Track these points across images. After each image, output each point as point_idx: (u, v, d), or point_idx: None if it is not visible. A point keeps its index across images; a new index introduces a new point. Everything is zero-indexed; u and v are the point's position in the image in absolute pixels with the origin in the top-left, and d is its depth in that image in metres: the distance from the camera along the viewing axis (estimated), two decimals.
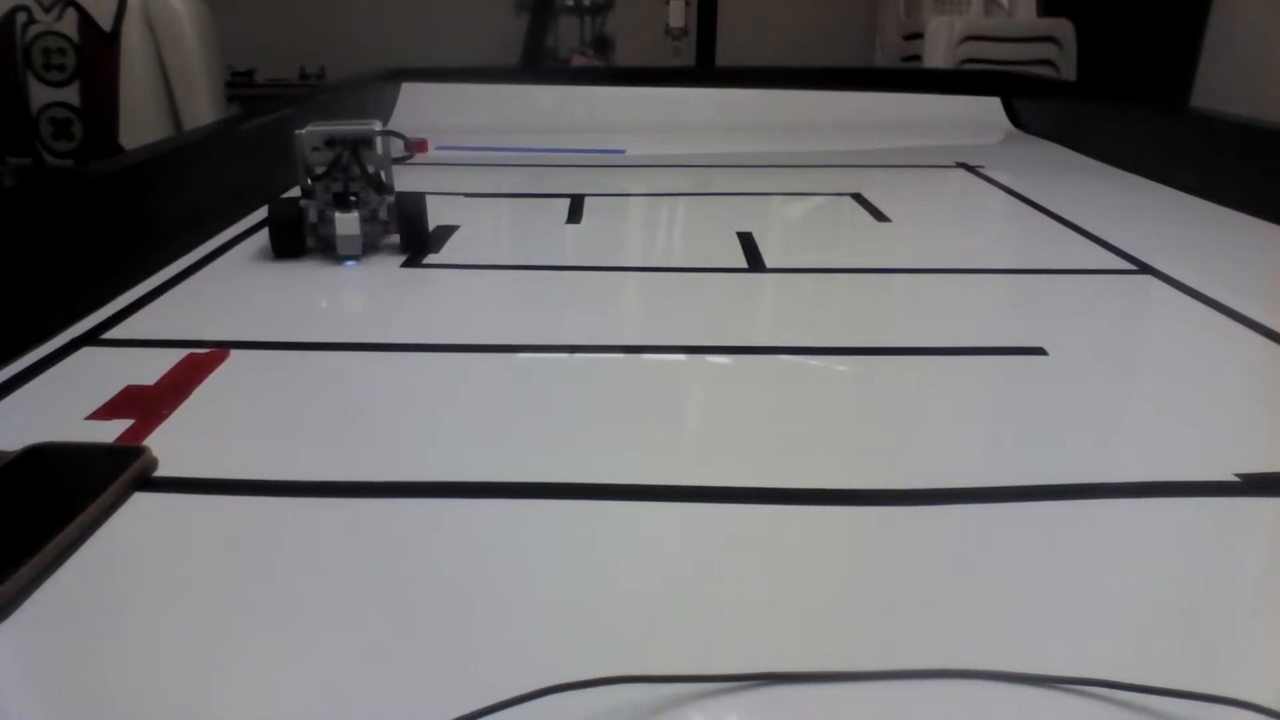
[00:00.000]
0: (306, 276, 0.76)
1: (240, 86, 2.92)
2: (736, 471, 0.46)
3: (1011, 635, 0.34)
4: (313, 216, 0.78)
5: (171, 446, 0.47)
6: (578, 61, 3.18)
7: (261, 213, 0.97)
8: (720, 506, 0.43)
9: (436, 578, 0.38)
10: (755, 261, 0.82)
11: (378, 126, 0.78)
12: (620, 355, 0.61)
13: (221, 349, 0.60)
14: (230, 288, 0.74)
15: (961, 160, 1.29)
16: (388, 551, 0.40)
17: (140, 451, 0.45)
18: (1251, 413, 0.54)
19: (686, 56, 2.50)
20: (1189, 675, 0.31)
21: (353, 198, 0.78)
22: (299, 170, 0.77)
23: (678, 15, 2.64)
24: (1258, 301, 0.70)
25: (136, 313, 0.67)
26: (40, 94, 1.84)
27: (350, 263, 0.77)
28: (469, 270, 0.79)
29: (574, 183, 1.14)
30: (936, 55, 2.61)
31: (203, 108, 1.87)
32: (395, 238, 0.82)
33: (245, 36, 2.81)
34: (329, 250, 0.78)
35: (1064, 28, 2.60)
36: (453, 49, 3.14)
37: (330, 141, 0.76)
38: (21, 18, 1.81)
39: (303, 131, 0.76)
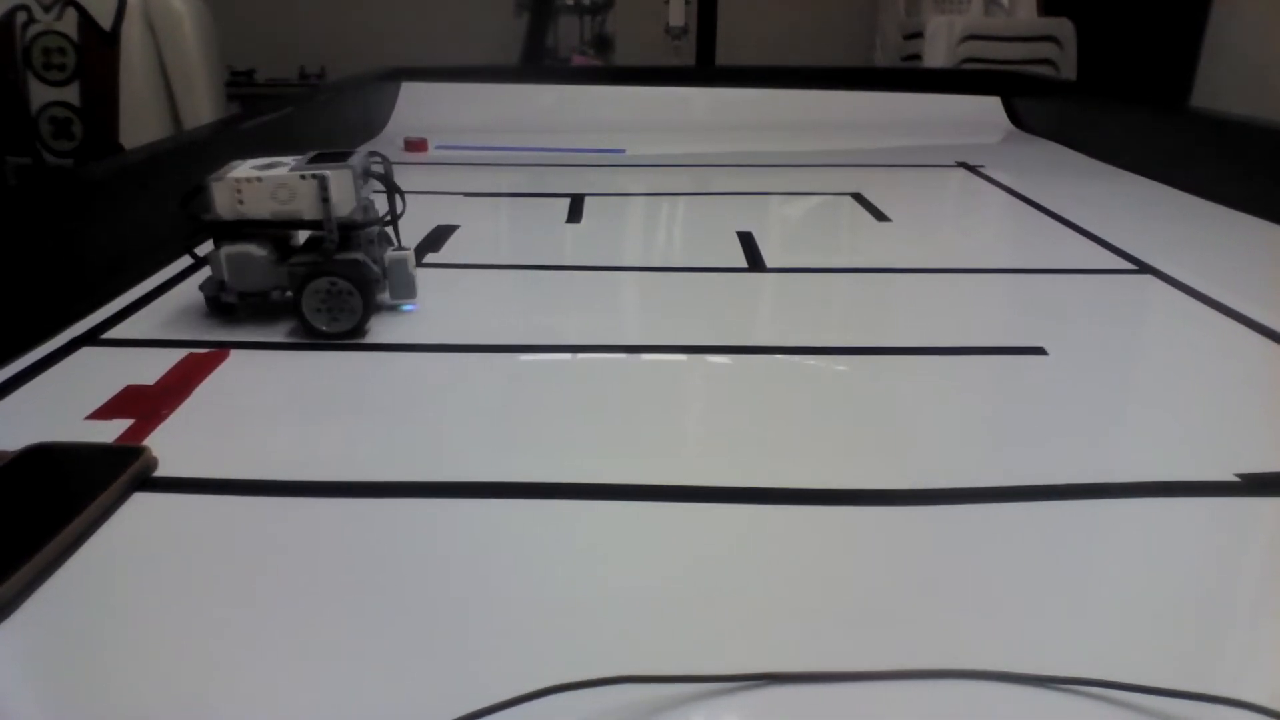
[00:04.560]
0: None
1: (240, 86, 2.92)
2: (736, 471, 0.46)
3: (1011, 635, 0.34)
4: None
5: (171, 446, 0.47)
6: (578, 61, 3.18)
7: None
8: (720, 506, 0.43)
9: (437, 578, 0.38)
10: (755, 261, 0.82)
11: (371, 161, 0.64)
12: (620, 355, 0.61)
13: (221, 349, 0.60)
14: None
15: (961, 160, 1.29)
16: (388, 552, 0.40)
17: (140, 451, 0.45)
18: (1251, 413, 0.54)
19: (686, 56, 2.50)
20: (1189, 675, 0.31)
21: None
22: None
23: (678, 15, 2.64)
24: (1258, 301, 0.70)
25: (136, 313, 0.67)
26: (40, 94, 1.84)
27: (409, 306, 0.67)
28: (469, 270, 0.79)
29: (574, 182, 1.14)
30: (936, 55, 2.61)
31: (203, 107, 1.87)
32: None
33: (245, 36, 2.81)
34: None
35: (1064, 27, 2.60)
36: (453, 49, 3.14)
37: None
38: (21, 17, 1.81)
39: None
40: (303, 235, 0.66)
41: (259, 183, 0.61)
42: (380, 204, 0.67)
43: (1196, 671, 0.32)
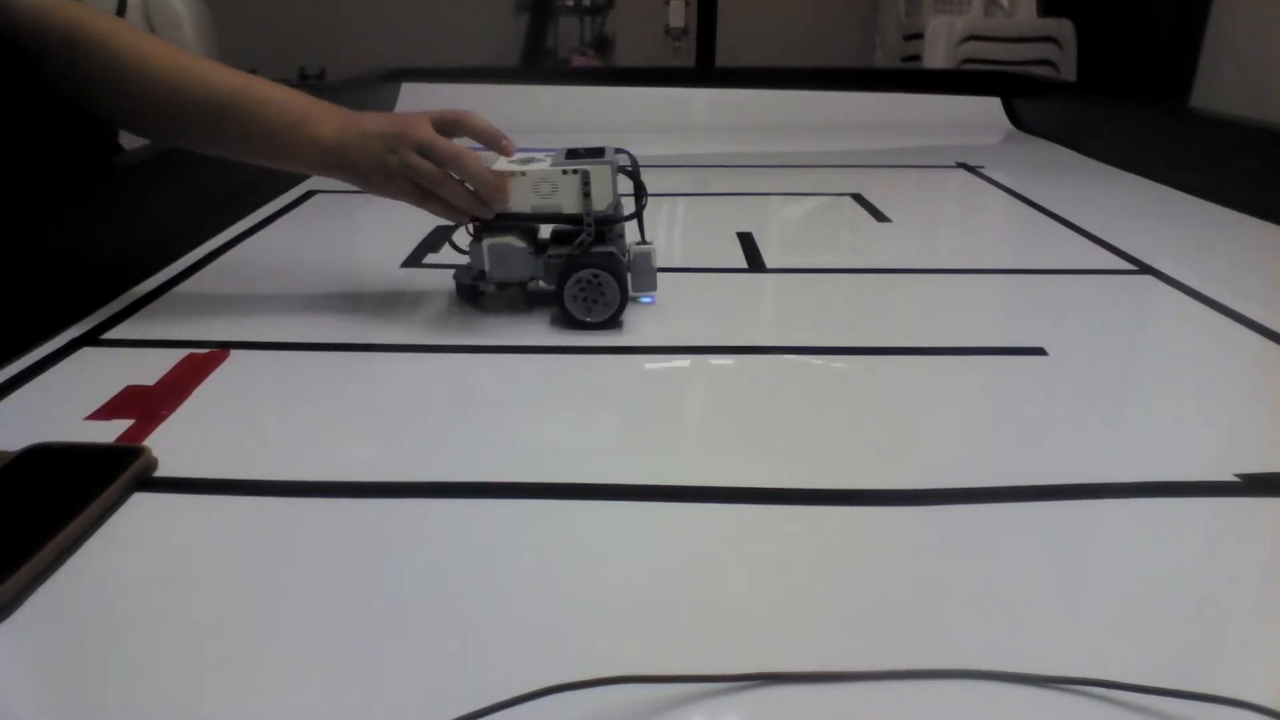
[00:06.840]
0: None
1: None
2: (736, 471, 0.46)
3: (1011, 635, 0.34)
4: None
5: (171, 446, 0.47)
6: (578, 61, 3.18)
7: (263, 212, 0.97)
8: (720, 506, 0.43)
9: (436, 578, 0.38)
10: (755, 261, 0.82)
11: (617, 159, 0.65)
12: (620, 356, 0.61)
13: (221, 349, 0.60)
14: (230, 287, 0.74)
15: (961, 160, 1.29)
16: (388, 551, 0.40)
17: (140, 451, 0.45)
18: (1251, 413, 0.54)
19: (686, 56, 2.50)
20: (1189, 675, 0.31)
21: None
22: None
23: (678, 15, 2.65)
24: (1258, 301, 0.70)
25: (137, 313, 0.67)
26: None
27: (648, 298, 0.70)
28: None
29: None
30: (936, 55, 2.61)
31: None
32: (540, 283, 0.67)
33: (245, 36, 2.81)
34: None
35: (1064, 28, 2.60)
36: (453, 49, 3.14)
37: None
38: None
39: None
40: (545, 228, 0.67)
41: (523, 177, 0.62)
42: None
43: (1196, 671, 0.32)
